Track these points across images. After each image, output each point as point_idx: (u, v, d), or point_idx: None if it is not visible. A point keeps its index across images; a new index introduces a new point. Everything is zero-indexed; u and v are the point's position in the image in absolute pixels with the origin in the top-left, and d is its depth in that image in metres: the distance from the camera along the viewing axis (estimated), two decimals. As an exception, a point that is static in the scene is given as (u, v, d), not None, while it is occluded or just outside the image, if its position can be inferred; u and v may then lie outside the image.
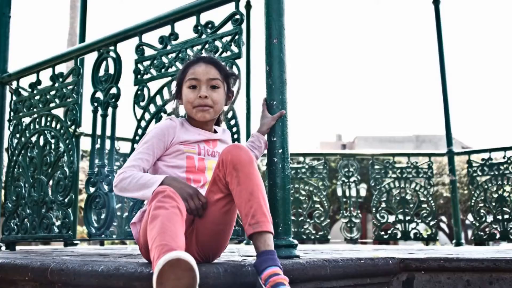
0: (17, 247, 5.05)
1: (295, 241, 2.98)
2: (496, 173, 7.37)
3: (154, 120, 3.64)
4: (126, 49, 4.02)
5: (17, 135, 4.90)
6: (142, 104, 3.72)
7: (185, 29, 3.62)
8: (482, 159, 7.57)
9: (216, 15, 3.48)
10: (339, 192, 9.41)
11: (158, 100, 3.66)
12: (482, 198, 7.41)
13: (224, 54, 3.34)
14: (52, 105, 4.61)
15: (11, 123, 5.00)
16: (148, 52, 3.79)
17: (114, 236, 4.07)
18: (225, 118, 3.29)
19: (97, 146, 4.12)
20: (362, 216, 8.93)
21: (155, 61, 3.71)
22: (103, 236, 3.91)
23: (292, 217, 7.73)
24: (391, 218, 8.03)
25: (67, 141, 4.41)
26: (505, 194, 7.24)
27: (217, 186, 2.58)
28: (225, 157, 2.53)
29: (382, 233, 8.03)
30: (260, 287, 2.29)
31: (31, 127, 4.77)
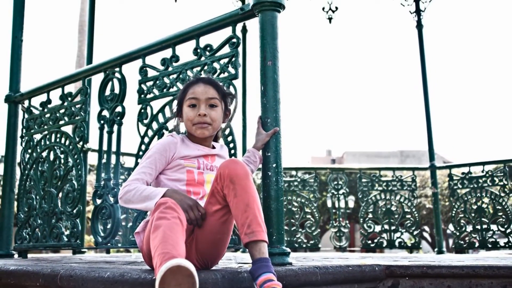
0: (29, 255, 5.03)
1: (288, 249, 2.97)
2: (475, 186, 7.40)
3: (156, 137, 3.64)
4: (131, 70, 4.03)
5: (29, 151, 4.89)
6: (145, 121, 3.73)
7: (185, 51, 3.63)
8: (462, 173, 7.61)
9: (214, 38, 3.50)
10: (329, 204, 9.44)
11: (160, 118, 3.66)
12: (462, 209, 7.44)
13: (222, 75, 3.35)
14: (61, 122, 4.60)
15: (23, 139, 4.99)
16: (151, 73, 3.80)
17: (119, 245, 4.05)
18: (223, 134, 3.30)
19: (104, 161, 4.12)
20: (350, 226, 8.93)
21: (157, 82, 3.72)
22: (109, 244, 3.90)
23: (285, 227, 7.72)
24: (377, 228, 8.04)
25: (76, 156, 4.40)
26: (484, 206, 7.27)
27: (215, 198, 2.59)
28: (222, 171, 2.53)
29: (369, 241, 8.04)
30: (255, 293, 2.30)
31: (42, 143, 4.76)
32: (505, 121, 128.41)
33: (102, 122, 4.13)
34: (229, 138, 3.33)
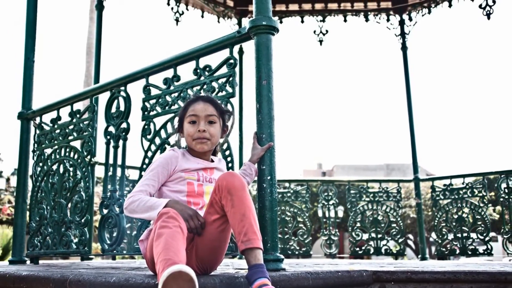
0: (40, 261, 5.02)
1: (282, 256, 2.97)
2: (456, 197, 7.41)
3: (159, 151, 3.64)
4: (135, 89, 4.04)
5: (40, 164, 4.88)
6: (148, 137, 3.73)
7: (186, 71, 3.64)
8: (444, 185, 7.63)
9: (213, 59, 3.51)
10: (320, 213, 9.43)
11: (163, 134, 3.66)
12: (444, 218, 7.45)
13: (220, 94, 3.35)
14: (70, 137, 4.60)
15: (35, 153, 4.98)
16: (154, 91, 3.80)
17: (125, 252, 4.03)
18: (221, 149, 3.30)
19: (110, 173, 4.11)
20: (339, 234, 8.91)
21: (160, 100, 3.72)
22: (114, 251, 3.89)
23: (279, 235, 7.71)
24: (365, 236, 8.04)
25: (84, 169, 4.40)
26: (464, 215, 7.29)
27: (214, 208, 2.59)
28: (220, 183, 2.54)
29: (357, 249, 8.04)
30: (251, 296, 2.30)
31: (52, 157, 4.76)
32: (484, 136, 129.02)
33: (108, 137, 4.13)
34: (227, 152, 3.33)
